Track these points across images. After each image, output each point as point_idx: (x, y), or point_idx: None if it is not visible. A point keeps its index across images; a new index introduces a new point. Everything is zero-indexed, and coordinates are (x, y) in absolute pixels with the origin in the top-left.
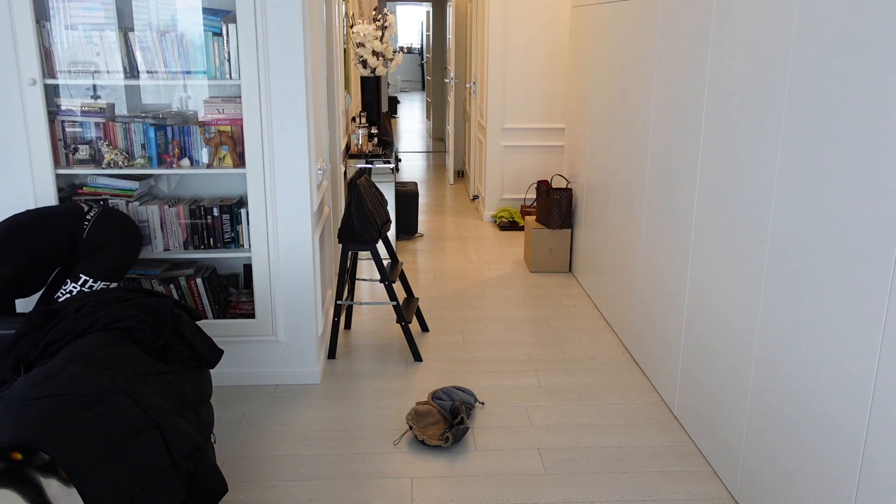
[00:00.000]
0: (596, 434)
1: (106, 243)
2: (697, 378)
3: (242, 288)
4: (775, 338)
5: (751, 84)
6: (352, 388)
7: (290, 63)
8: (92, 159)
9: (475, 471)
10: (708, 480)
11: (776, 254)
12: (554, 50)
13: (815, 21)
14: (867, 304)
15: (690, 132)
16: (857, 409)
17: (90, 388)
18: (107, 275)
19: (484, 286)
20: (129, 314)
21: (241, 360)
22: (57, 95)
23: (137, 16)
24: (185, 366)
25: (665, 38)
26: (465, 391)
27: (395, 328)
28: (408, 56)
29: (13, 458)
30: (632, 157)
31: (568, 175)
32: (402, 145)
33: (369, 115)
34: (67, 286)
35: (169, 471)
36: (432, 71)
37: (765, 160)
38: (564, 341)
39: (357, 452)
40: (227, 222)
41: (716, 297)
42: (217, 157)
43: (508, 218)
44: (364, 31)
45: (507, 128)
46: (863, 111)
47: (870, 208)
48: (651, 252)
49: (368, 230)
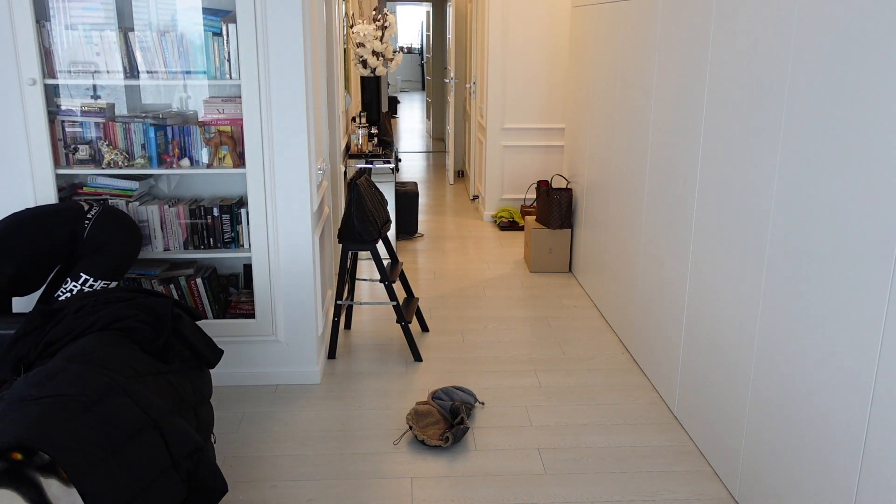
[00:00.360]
0: (596, 434)
1: (106, 242)
2: (697, 378)
3: (242, 288)
4: (775, 337)
5: (751, 84)
6: (352, 388)
7: (290, 63)
8: (92, 159)
9: (475, 471)
10: (708, 480)
11: (776, 253)
12: (554, 50)
13: (815, 20)
14: (867, 304)
15: (690, 132)
16: (857, 408)
17: (90, 388)
18: (107, 274)
19: (484, 286)
20: (129, 314)
21: (241, 360)
22: (57, 95)
23: (137, 16)
24: (185, 366)
25: (665, 38)
26: (465, 391)
27: (395, 328)
28: (408, 56)
29: (13, 458)
30: (632, 156)
31: (568, 175)
32: (402, 145)
33: (369, 115)
34: (68, 285)
35: (169, 471)
36: (432, 71)
37: (765, 160)
38: (564, 341)
39: (357, 452)
40: (227, 222)
41: (716, 296)
42: (217, 157)
43: (508, 218)
44: (364, 31)
45: (507, 128)
46: (863, 109)
47: (870, 208)
48: (651, 252)
49: (368, 230)
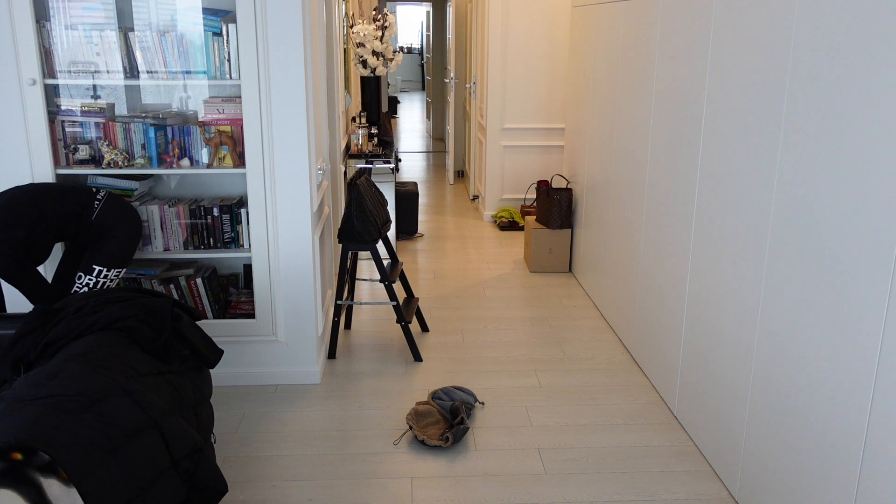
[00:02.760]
0: (596, 434)
1: (113, 226)
2: (697, 378)
3: (242, 288)
4: (775, 337)
5: (751, 83)
6: (352, 388)
7: (290, 63)
8: (92, 159)
9: (475, 471)
10: (708, 480)
11: (776, 253)
12: (554, 50)
13: (815, 20)
14: (867, 304)
15: (690, 132)
16: (857, 408)
17: (90, 388)
18: (117, 261)
19: (484, 286)
20: (130, 314)
21: (241, 360)
22: (57, 95)
23: (137, 16)
24: (185, 366)
25: (665, 38)
26: (465, 391)
27: (395, 328)
28: (408, 56)
29: (13, 458)
30: (632, 157)
31: (568, 175)
32: (402, 145)
33: (369, 115)
34: (82, 280)
35: (169, 471)
36: (432, 71)
37: (765, 160)
38: (564, 341)
39: (357, 452)
40: (227, 222)
41: (716, 296)
42: (217, 157)
43: (508, 218)
44: (364, 31)
45: (507, 128)
46: (863, 109)
47: (870, 207)
48: (651, 252)
49: (368, 230)
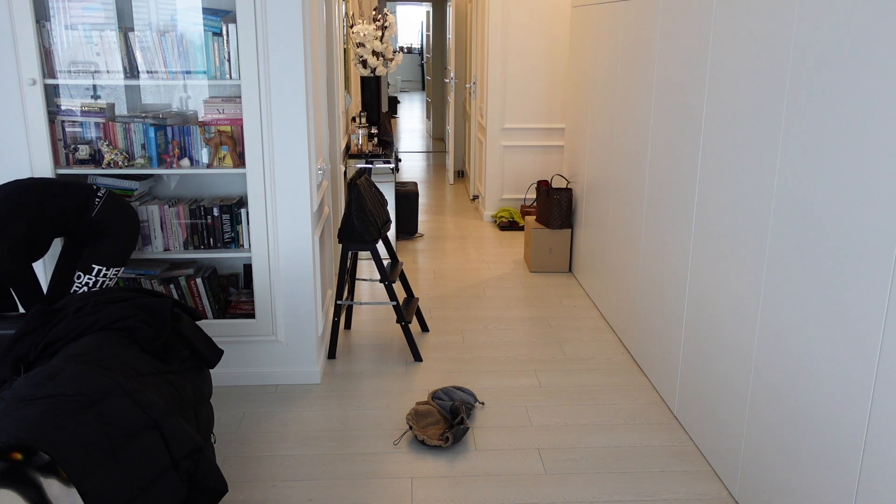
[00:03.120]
0: (596, 434)
1: (112, 224)
2: (697, 378)
3: (242, 288)
4: (775, 337)
5: (751, 84)
6: (352, 388)
7: (290, 63)
8: (92, 159)
9: (475, 471)
10: (708, 480)
11: (776, 253)
12: (554, 50)
13: (816, 20)
14: (867, 304)
15: (690, 132)
16: (857, 408)
17: (90, 388)
18: (116, 260)
19: (484, 286)
20: (130, 314)
21: (241, 360)
22: (57, 95)
23: (137, 16)
24: (185, 366)
25: (665, 38)
26: (465, 391)
27: (395, 328)
28: (408, 56)
29: (13, 458)
30: (632, 156)
31: (568, 175)
32: (402, 145)
33: (369, 115)
34: (81, 279)
35: (169, 471)
36: (432, 71)
37: (765, 160)
38: (564, 341)
39: (357, 452)
40: (227, 222)
41: (716, 296)
42: (217, 157)
43: (508, 218)
44: (364, 31)
45: (507, 128)
46: (863, 109)
47: (870, 207)
48: (651, 252)
49: (368, 230)
